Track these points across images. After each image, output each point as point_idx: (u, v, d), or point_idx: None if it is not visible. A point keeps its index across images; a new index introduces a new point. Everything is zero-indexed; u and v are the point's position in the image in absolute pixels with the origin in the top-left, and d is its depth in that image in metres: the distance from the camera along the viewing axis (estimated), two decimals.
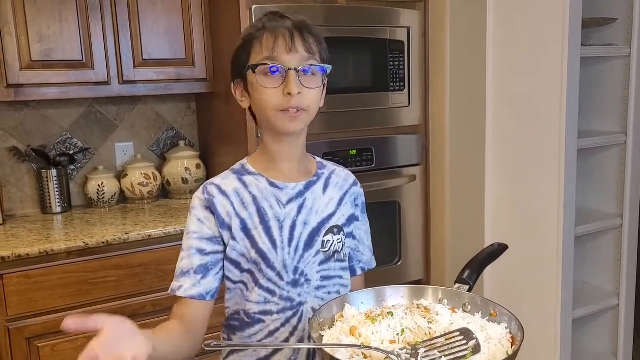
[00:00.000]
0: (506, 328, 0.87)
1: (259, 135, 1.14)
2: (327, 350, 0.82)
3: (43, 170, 2.25)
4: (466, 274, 1.06)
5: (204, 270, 1.06)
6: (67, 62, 2.05)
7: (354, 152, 2.31)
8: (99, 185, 2.32)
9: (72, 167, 2.38)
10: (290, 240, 1.08)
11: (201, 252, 1.06)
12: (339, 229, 1.13)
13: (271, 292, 1.07)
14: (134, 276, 1.95)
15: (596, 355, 2.52)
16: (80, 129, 2.39)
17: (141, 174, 2.38)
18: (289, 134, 1.06)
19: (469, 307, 0.96)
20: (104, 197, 2.33)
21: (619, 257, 2.43)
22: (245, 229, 1.07)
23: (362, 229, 1.22)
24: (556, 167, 2.19)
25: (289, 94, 1.00)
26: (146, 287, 1.97)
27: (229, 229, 1.07)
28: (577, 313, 2.32)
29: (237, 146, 2.23)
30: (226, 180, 1.10)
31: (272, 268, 1.07)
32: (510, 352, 0.81)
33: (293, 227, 1.08)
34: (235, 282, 1.10)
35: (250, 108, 1.10)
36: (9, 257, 1.76)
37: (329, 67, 1.06)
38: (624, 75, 2.30)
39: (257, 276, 1.07)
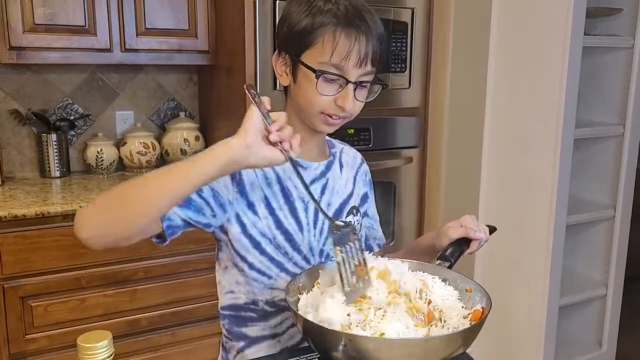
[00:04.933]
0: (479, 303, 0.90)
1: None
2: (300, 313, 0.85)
3: (43, 135, 2.27)
4: (448, 251, 1.08)
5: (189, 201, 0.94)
6: (69, 27, 2.06)
7: (352, 131, 2.32)
8: (98, 152, 2.34)
9: (72, 132, 2.40)
10: (315, 222, 1.05)
11: (199, 191, 0.94)
12: (357, 209, 1.11)
13: None
14: None
15: (581, 343, 2.55)
16: (81, 95, 2.40)
17: (140, 142, 2.40)
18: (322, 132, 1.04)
19: (447, 282, 0.98)
20: (102, 164, 2.35)
21: (609, 248, 2.45)
22: (269, 207, 1.01)
23: (372, 205, 1.20)
24: (552, 156, 2.20)
25: (341, 106, 0.96)
26: (139, 254, 2.00)
27: (250, 204, 1.00)
28: (564, 301, 2.35)
29: (235, 120, 2.22)
30: None
31: (299, 251, 1.03)
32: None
33: (317, 209, 1.04)
34: (253, 268, 1.03)
35: (287, 86, 1.04)
36: (5, 217, 1.79)
37: (384, 86, 1.01)
38: (627, 66, 2.30)
39: (282, 261, 1.02)
